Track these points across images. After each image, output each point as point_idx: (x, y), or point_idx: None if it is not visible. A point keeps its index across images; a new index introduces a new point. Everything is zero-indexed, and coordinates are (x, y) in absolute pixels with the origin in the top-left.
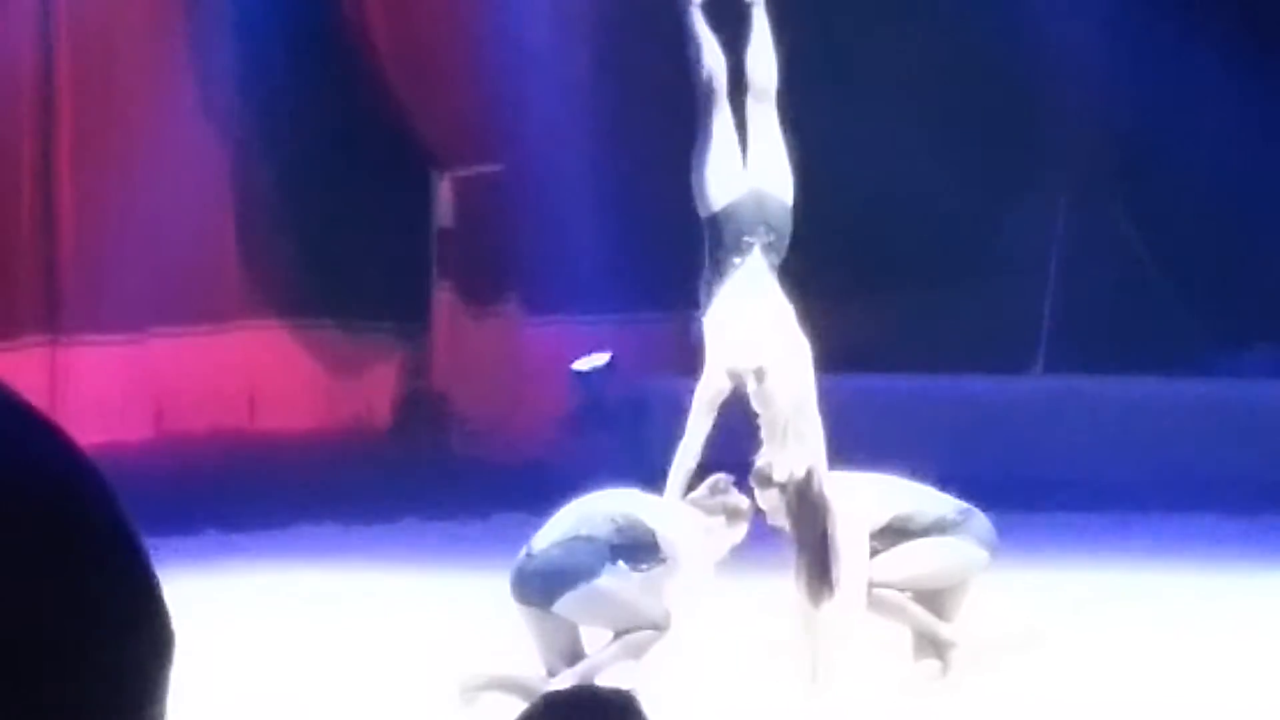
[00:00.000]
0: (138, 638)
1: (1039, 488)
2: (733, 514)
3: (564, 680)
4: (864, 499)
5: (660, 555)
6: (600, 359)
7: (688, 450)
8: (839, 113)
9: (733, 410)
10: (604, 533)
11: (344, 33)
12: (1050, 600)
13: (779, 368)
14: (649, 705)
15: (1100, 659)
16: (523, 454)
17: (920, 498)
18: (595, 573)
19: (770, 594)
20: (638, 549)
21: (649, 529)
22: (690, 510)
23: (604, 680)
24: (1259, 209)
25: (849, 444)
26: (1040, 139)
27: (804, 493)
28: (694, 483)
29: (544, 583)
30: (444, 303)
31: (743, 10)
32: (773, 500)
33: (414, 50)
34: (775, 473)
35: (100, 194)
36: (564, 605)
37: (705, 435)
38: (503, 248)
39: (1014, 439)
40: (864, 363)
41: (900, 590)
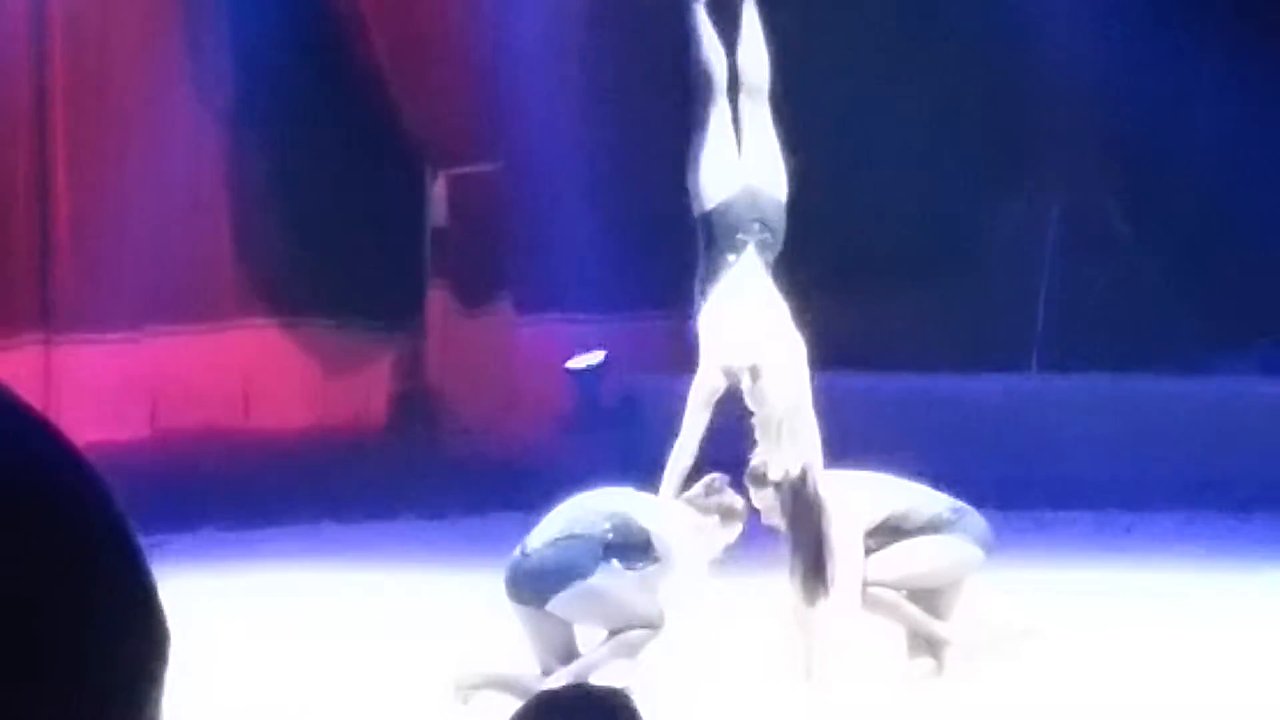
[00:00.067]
0: (133, 637)
1: (1033, 486)
2: (727, 514)
3: (558, 679)
4: (859, 498)
5: (654, 554)
6: (594, 358)
7: (683, 449)
8: (833, 111)
9: (728, 409)
10: (598, 532)
11: (339, 33)
12: (1044, 598)
13: (773, 366)
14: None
15: (1095, 657)
16: (517, 452)
17: (915, 496)
18: (589, 572)
19: (765, 593)
20: (631, 548)
21: (642, 528)
22: (684, 509)
23: (598, 679)
24: (1252, 208)
25: (843, 443)
26: (1034, 138)
27: (799, 492)
28: (689, 482)
29: (538, 581)
30: (439, 301)
31: (734, 7)
32: (767, 499)
33: (408, 51)
34: (770, 472)
35: (95, 193)
36: (558, 604)
37: (701, 434)
38: (497, 247)
39: (1008, 438)
40: (858, 361)
41: (895, 589)
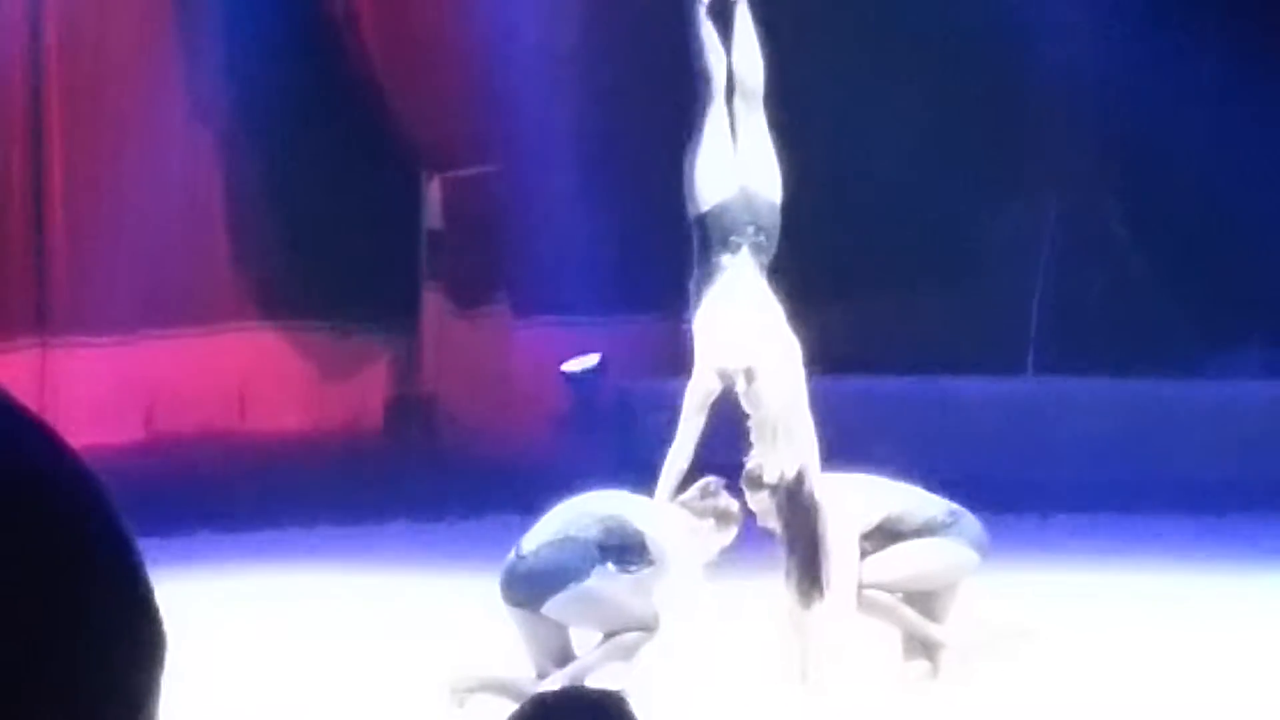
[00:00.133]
0: (130, 640)
1: (1028, 489)
2: (722, 517)
3: (554, 681)
4: (854, 500)
5: (649, 557)
6: (590, 360)
7: (679, 452)
8: (829, 112)
9: (725, 412)
10: (593, 534)
11: (334, 35)
12: (1040, 600)
13: (769, 368)
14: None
15: (1091, 658)
16: (513, 455)
17: (910, 499)
18: (584, 574)
19: (761, 596)
20: (626, 550)
21: (637, 531)
22: (679, 512)
23: (594, 681)
24: (1248, 210)
25: (839, 445)
26: (1030, 140)
27: (794, 494)
28: (685, 484)
29: (533, 584)
30: (434, 304)
31: (728, 10)
32: (763, 502)
33: (404, 53)
34: (766, 474)
35: (91, 196)
36: (553, 606)
37: (697, 437)
38: (492, 249)
39: (1003, 440)
40: (854, 364)
41: (891, 591)
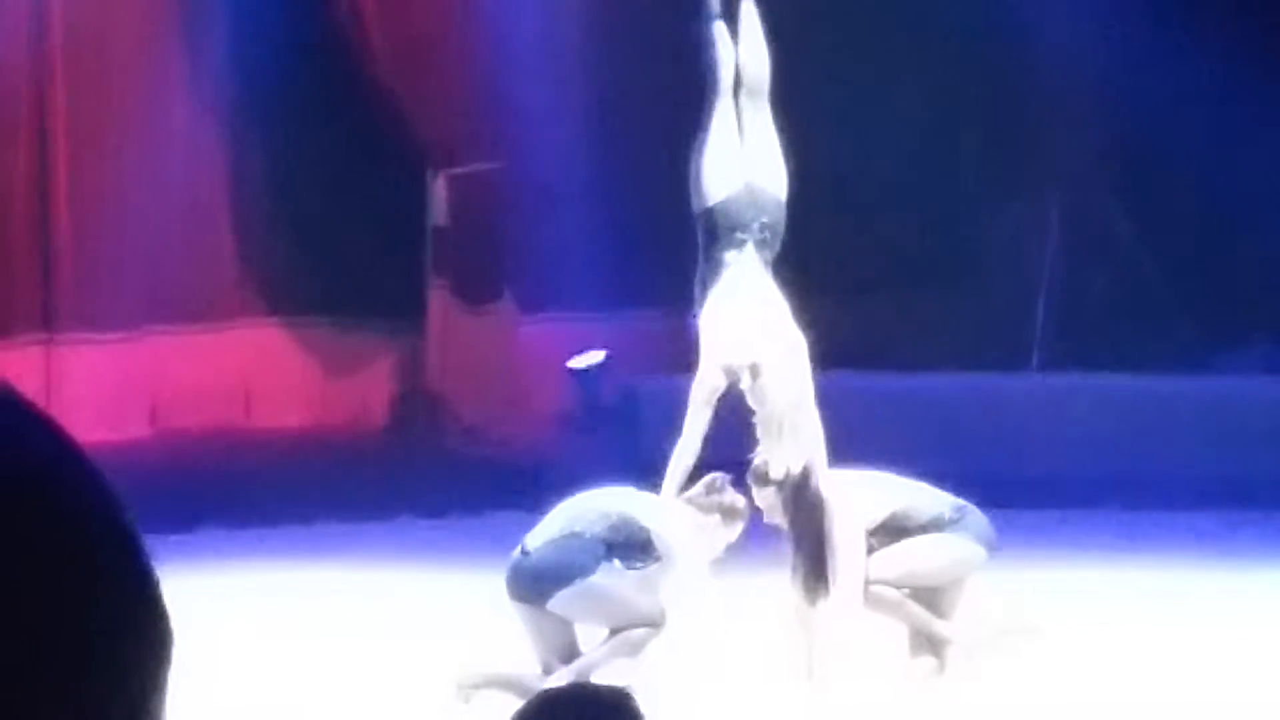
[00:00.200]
0: (137, 636)
1: (1035, 485)
2: (728, 513)
3: (559, 678)
4: (861, 496)
5: (655, 553)
6: (595, 357)
7: (685, 448)
8: (834, 110)
9: (730, 408)
10: (598, 530)
11: (339, 32)
12: (1046, 598)
13: (774, 364)
14: (645, 703)
15: (1096, 656)
16: (518, 452)
17: (917, 495)
18: (590, 570)
19: (767, 592)
20: (632, 547)
21: (643, 527)
22: (685, 508)
23: (600, 678)
24: (1252, 207)
25: (845, 441)
26: (1035, 137)
27: (801, 491)
28: (690, 481)
29: (539, 580)
30: (439, 301)
31: (734, 7)
32: (769, 498)
33: (409, 49)
34: (772, 470)
35: (96, 193)
36: (559, 603)
37: (702, 433)
38: (498, 245)
39: (1009, 436)
40: (859, 360)
41: (897, 587)
